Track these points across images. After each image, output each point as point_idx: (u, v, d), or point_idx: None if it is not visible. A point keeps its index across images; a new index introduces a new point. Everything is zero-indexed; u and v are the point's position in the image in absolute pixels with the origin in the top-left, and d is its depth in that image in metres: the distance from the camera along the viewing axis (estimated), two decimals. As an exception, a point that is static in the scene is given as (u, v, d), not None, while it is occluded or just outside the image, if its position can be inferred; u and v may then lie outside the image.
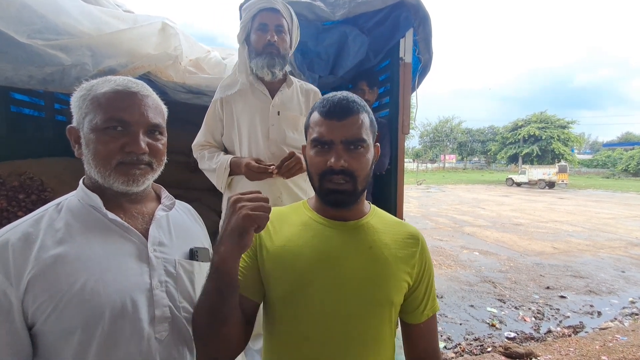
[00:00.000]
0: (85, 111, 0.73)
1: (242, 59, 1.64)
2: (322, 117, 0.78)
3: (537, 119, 34.03)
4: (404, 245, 0.84)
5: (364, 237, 0.82)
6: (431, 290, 0.87)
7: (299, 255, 0.78)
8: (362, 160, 0.78)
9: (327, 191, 0.78)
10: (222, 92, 1.68)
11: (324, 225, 0.82)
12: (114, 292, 0.69)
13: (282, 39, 1.56)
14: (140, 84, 0.79)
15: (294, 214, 0.87)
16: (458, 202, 13.96)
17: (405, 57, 2.18)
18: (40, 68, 1.54)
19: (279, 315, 0.80)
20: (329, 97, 0.80)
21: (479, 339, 3.11)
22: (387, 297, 0.79)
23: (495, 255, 5.99)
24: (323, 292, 0.76)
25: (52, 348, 0.66)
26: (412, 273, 0.82)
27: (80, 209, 0.75)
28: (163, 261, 0.78)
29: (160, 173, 0.83)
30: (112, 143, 0.72)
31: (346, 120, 0.77)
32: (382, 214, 0.90)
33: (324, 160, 0.77)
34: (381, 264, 0.79)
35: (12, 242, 0.66)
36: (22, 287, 0.64)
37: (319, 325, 0.76)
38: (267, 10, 1.53)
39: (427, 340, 0.86)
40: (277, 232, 0.83)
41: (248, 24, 1.57)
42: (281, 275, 0.78)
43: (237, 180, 1.63)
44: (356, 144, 0.77)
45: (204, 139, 1.72)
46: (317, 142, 0.78)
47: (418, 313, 0.85)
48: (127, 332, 0.69)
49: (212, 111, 1.70)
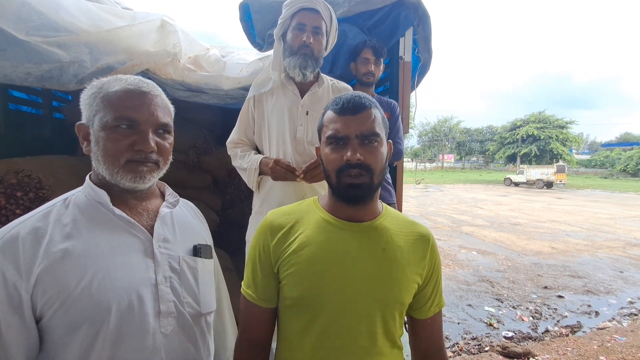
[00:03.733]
0: (95, 109, 0.74)
1: (277, 55, 1.62)
2: (336, 114, 0.81)
3: (536, 119, 34.12)
4: (416, 246, 0.85)
5: (377, 239, 0.83)
6: (439, 288, 0.89)
7: (314, 257, 0.80)
8: (377, 154, 0.80)
9: (345, 186, 0.79)
10: (256, 90, 1.67)
11: (338, 227, 0.83)
12: (121, 288, 0.70)
13: (318, 41, 1.55)
14: (151, 84, 0.80)
15: (305, 215, 0.88)
16: (456, 202, 13.98)
17: (404, 56, 2.18)
18: (38, 65, 1.53)
19: (294, 317, 0.82)
20: (341, 96, 0.83)
21: (476, 339, 3.12)
22: (398, 299, 0.81)
23: (493, 254, 6.00)
24: (337, 293, 0.78)
25: (59, 342, 0.66)
26: (422, 274, 0.84)
27: (87, 205, 0.76)
28: (167, 257, 0.79)
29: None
30: (122, 141, 0.73)
31: (360, 115, 0.79)
32: (394, 214, 0.91)
33: (340, 156, 0.79)
34: (394, 266, 0.81)
35: (22, 236, 0.67)
36: (32, 281, 0.64)
37: (333, 325, 0.78)
38: (307, 10, 1.51)
39: (433, 334, 0.89)
40: (291, 236, 0.84)
41: (287, 21, 1.55)
42: (297, 278, 0.80)
43: (266, 180, 1.63)
44: (370, 138, 0.79)
45: (237, 136, 1.72)
46: (333, 138, 0.80)
47: (425, 309, 0.87)
48: (133, 327, 0.70)
49: (245, 109, 1.70)
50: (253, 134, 1.71)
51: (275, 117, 1.61)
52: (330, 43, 1.65)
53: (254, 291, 0.84)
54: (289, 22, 1.56)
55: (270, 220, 0.87)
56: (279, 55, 1.62)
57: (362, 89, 2.05)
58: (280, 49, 1.62)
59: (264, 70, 1.73)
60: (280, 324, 0.86)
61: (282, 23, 1.57)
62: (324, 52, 1.63)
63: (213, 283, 0.91)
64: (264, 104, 1.65)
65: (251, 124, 1.70)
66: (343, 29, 2.06)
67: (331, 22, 1.60)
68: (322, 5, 1.54)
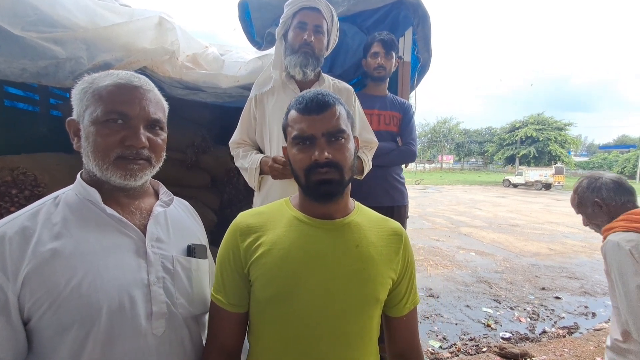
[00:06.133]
0: (86, 104, 0.73)
1: (278, 54, 1.62)
2: (300, 114, 0.80)
3: (535, 121, 34.18)
4: (389, 242, 0.85)
5: (350, 235, 0.81)
6: (413, 284, 0.89)
7: (287, 256, 0.77)
8: (345, 150, 0.79)
9: (315, 183, 0.78)
10: (257, 90, 1.66)
11: (310, 225, 0.81)
12: (112, 288, 0.68)
13: (319, 40, 1.55)
14: (143, 79, 0.79)
15: (277, 215, 0.86)
16: (455, 203, 14.00)
17: (404, 56, 2.17)
18: (34, 61, 1.51)
19: (267, 317, 0.79)
20: (303, 94, 0.82)
21: (474, 339, 3.11)
22: (373, 295, 0.79)
23: (491, 255, 6.01)
24: (311, 292, 0.76)
25: (48, 344, 0.65)
26: (396, 269, 0.84)
27: (78, 204, 0.74)
28: (160, 257, 0.77)
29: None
30: (112, 136, 0.72)
31: (324, 114, 0.78)
32: (366, 210, 0.91)
33: (308, 155, 0.78)
34: (368, 263, 0.80)
35: (9, 235, 0.65)
36: (18, 282, 0.63)
37: (306, 325, 0.76)
38: (309, 9, 1.52)
39: (409, 332, 0.89)
40: (262, 236, 0.81)
41: (288, 20, 1.55)
42: (269, 278, 0.77)
43: (266, 179, 1.63)
44: (337, 135, 0.78)
45: (239, 137, 1.71)
46: (299, 138, 0.79)
47: (401, 306, 0.87)
48: (124, 328, 0.69)
49: (247, 109, 1.69)
50: (255, 134, 1.70)
51: (276, 116, 1.60)
52: (332, 42, 1.65)
53: (223, 296, 0.81)
54: (290, 21, 1.56)
55: (240, 222, 0.85)
56: (280, 54, 1.61)
57: (374, 84, 2.02)
58: (281, 48, 1.61)
59: (265, 70, 1.72)
60: (252, 329, 0.84)
61: (283, 22, 1.56)
62: (325, 51, 1.62)
63: (207, 283, 0.89)
64: (265, 103, 1.64)
65: (253, 124, 1.69)
66: (342, 29, 2.05)
67: (332, 22, 1.60)
68: (324, 4, 1.53)
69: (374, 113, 1.98)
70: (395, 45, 1.95)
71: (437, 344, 3.01)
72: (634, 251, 1.22)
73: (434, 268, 5.24)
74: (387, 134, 2.01)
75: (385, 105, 2.01)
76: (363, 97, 2.00)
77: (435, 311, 3.71)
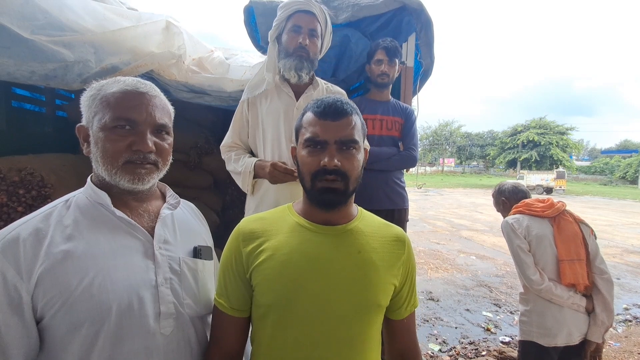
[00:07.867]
0: (94, 110, 0.75)
1: (271, 57, 1.63)
2: (316, 117, 0.80)
3: (536, 125, 34.15)
4: (391, 248, 0.85)
5: (352, 241, 0.82)
6: (414, 288, 0.90)
7: (288, 262, 0.78)
8: (354, 160, 0.79)
9: (319, 190, 0.78)
10: (249, 93, 1.66)
11: (313, 230, 0.82)
12: (121, 289, 0.70)
13: (314, 43, 1.56)
14: (149, 85, 0.81)
15: (279, 220, 0.86)
16: (456, 206, 13.99)
17: (407, 62, 2.19)
18: (43, 64, 1.54)
19: (268, 322, 0.80)
20: (323, 99, 0.82)
21: (474, 343, 3.12)
22: (375, 301, 0.80)
23: (491, 259, 6.01)
24: (313, 297, 0.77)
25: (59, 342, 0.67)
26: (398, 275, 0.84)
27: (89, 206, 0.76)
28: (168, 259, 0.80)
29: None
30: (120, 141, 0.74)
31: (340, 121, 0.79)
32: (369, 216, 0.91)
33: (317, 160, 0.78)
34: (370, 269, 0.80)
35: (23, 237, 0.67)
36: (32, 282, 0.65)
37: (308, 330, 0.77)
38: (303, 13, 1.52)
39: (408, 334, 0.90)
40: (264, 242, 0.82)
41: (282, 23, 1.56)
42: (271, 283, 0.78)
43: (261, 183, 1.62)
44: (349, 144, 0.79)
45: (231, 140, 1.71)
46: (311, 141, 0.79)
47: (401, 310, 0.88)
48: (133, 328, 0.71)
49: (239, 112, 1.69)
50: (247, 137, 1.70)
51: (270, 120, 1.61)
52: (325, 46, 1.66)
53: (225, 300, 0.82)
54: (284, 24, 1.56)
55: (243, 227, 0.85)
56: (273, 57, 1.62)
57: (377, 90, 2.04)
58: (274, 51, 1.62)
59: (258, 73, 1.72)
60: (254, 333, 0.84)
61: (277, 25, 1.57)
62: (319, 54, 1.64)
63: (213, 284, 0.91)
64: (258, 106, 1.64)
65: (245, 126, 1.69)
66: (346, 34, 2.08)
67: (326, 25, 1.61)
68: (318, 8, 1.54)
69: (376, 118, 2.00)
70: (399, 52, 1.97)
71: (436, 347, 3.02)
72: (515, 224, 1.81)
73: (434, 271, 5.25)
74: (389, 139, 2.03)
75: (387, 111, 2.03)
76: (366, 102, 2.02)
77: (435, 314, 3.72)
